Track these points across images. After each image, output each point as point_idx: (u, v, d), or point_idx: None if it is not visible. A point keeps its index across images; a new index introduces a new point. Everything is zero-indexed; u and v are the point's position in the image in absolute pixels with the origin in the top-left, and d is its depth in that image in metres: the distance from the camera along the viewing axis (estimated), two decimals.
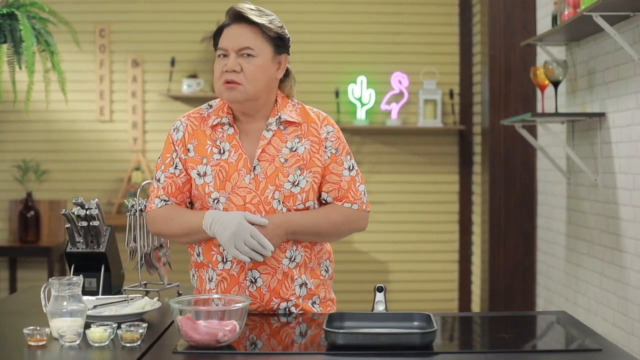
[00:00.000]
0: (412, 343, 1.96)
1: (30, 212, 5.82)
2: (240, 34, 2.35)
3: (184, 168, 2.43)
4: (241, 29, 2.36)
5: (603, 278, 3.90)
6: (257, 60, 2.35)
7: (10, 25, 4.09)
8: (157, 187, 2.46)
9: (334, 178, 2.43)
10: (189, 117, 2.47)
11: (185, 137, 2.44)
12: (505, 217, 5.08)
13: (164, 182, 2.44)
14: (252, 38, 2.35)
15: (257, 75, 2.35)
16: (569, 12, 3.82)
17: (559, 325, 2.27)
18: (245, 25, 2.36)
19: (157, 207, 2.44)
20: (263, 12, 2.40)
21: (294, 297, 2.41)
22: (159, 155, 2.51)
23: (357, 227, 2.47)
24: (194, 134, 2.43)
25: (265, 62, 2.37)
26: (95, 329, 2.04)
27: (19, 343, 2.06)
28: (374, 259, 6.02)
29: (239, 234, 2.26)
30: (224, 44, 2.37)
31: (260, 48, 2.36)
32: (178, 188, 2.43)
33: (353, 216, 2.44)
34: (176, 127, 2.47)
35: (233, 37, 2.35)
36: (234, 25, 2.37)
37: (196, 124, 2.45)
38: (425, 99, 5.88)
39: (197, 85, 5.84)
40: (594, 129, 3.97)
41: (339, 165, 2.43)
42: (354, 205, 2.44)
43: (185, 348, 2.00)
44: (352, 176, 2.45)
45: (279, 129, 2.41)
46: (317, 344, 2.11)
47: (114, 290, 2.76)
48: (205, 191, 2.38)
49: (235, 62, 2.34)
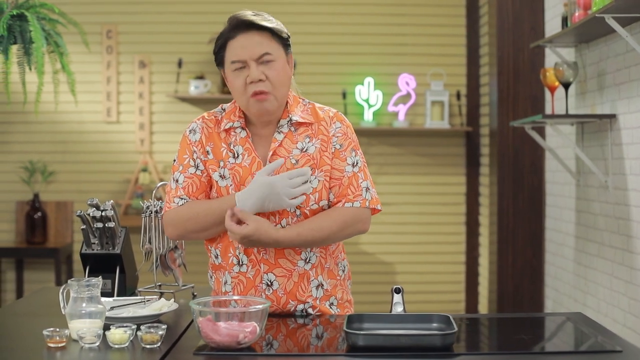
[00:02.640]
0: (433, 344, 1.96)
1: (37, 213, 5.83)
2: (254, 41, 2.31)
3: (206, 169, 2.40)
4: (253, 36, 2.31)
5: (613, 279, 3.90)
6: (277, 65, 2.33)
7: (20, 26, 4.09)
8: (175, 187, 2.40)
9: (337, 174, 2.39)
10: (204, 120, 2.44)
11: (203, 139, 2.41)
12: (513, 218, 5.08)
13: (184, 183, 2.39)
14: (268, 43, 2.32)
15: (282, 80, 2.34)
16: (579, 13, 3.82)
17: (576, 327, 2.27)
18: (256, 33, 2.32)
19: (177, 205, 2.38)
20: (265, 16, 2.36)
21: (311, 299, 2.40)
22: (174, 158, 2.46)
23: (357, 228, 2.39)
24: (209, 136, 2.41)
25: (284, 64, 2.35)
26: (115, 330, 2.04)
27: (38, 344, 2.06)
28: (380, 260, 6.02)
29: (276, 189, 2.26)
30: (240, 55, 2.31)
31: (276, 51, 2.33)
32: (199, 188, 2.39)
33: (351, 216, 2.37)
34: (192, 128, 2.44)
35: (249, 46, 2.31)
36: (243, 35, 2.32)
37: (211, 126, 2.43)
38: (433, 100, 5.88)
39: (205, 86, 5.84)
40: (604, 130, 3.97)
41: (341, 160, 2.40)
42: (355, 203, 2.37)
43: (205, 350, 2.00)
44: (355, 172, 2.40)
45: (290, 130, 2.39)
46: (336, 345, 2.11)
47: (129, 291, 2.76)
48: (229, 194, 2.37)
49: (258, 71, 2.30)
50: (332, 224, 2.35)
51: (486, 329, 2.37)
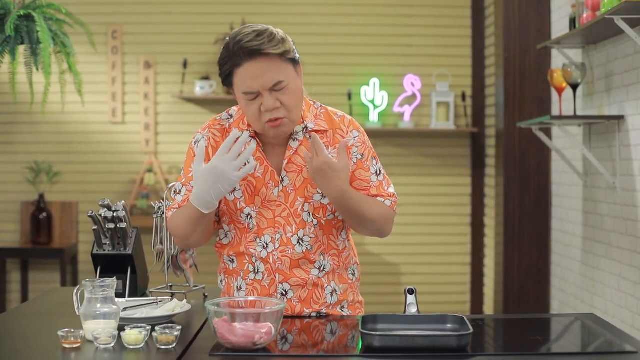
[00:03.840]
0: (449, 345, 1.96)
1: (42, 213, 5.83)
2: (265, 70, 2.20)
3: None
4: (261, 64, 2.20)
5: (621, 280, 3.90)
6: (290, 88, 2.24)
7: (27, 26, 4.09)
8: (174, 198, 2.40)
9: (363, 184, 2.37)
10: (210, 129, 2.39)
11: (209, 151, 2.36)
12: (519, 219, 5.08)
13: (184, 196, 2.36)
14: (278, 70, 2.21)
15: (296, 102, 2.27)
16: (587, 15, 3.82)
17: (589, 328, 2.26)
18: (263, 59, 2.20)
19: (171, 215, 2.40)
20: (268, 35, 2.22)
21: (325, 306, 2.40)
22: (182, 167, 2.45)
23: (385, 226, 2.39)
24: (217, 146, 2.35)
25: (296, 83, 2.27)
26: (131, 331, 2.03)
27: (52, 345, 2.05)
28: (385, 261, 6.02)
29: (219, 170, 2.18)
30: (252, 86, 2.21)
31: (287, 75, 2.23)
32: None
33: (387, 217, 2.38)
34: (197, 139, 2.38)
35: (259, 76, 2.20)
36: (250, 63, 2.20)
37: (218, 135, 2.38)
38: (438, 101, 5.89)
39: (210, 87, 5.85)
40: (612, 131, 3.97)
41: (365, 171, 2.38)
42: (387, 201, 2.37)
43: (220, 350, 2.00)
44: (380, 181, 2.40)
45: (305, 137, 2.35)
46: (351, 346, 2.11)
47: (140, 292, 2.76)
48: (237, 207, 2.34)
49: (273, 100, 2.22)
50: (380, 209, 2.35)
51: (499, 330, 2.37)
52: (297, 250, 2.34)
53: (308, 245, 2.34)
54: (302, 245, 2.34)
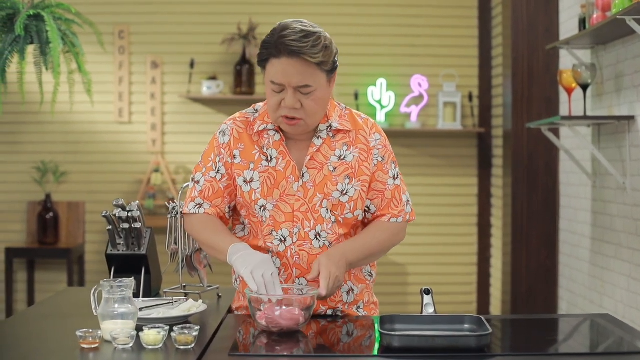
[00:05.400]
0: (468, 345, 1.96)
1: (49, 213, 5.83)
2: (297, 71, 2.23)
3: (228, 173, 2.39)
4: (297, 65, 2.23)
5: (631, 281, 3.90)
6: (316, 94, 2.27)
7: (36, 26, 4.09)
8: (192, 188, 2.42)
9: (379, 186, 2.40)
10: (234, 122, 2.43)
11: (232, 142, 2.39)
12: (527, 219, 5.08)
13: (203, 186, 2.40)
14: (310, 75, 2.24)
15: (317, 109, 2.30)
16: (597, 15, 3.82)
17: (605, 328, 2.26)
18: (300, 62, 2.23)
19: (190, 211, 2.41)
20: (314, 42, 2.23)
21: (341, 304, 2.41)
22: (201, 156, 2.46)
23: (398, 240, 2.45)
24: (240, 138, 2.39)
25: (323, 91, 2.29)
26: (149, 331, 2.03)
27: (71, 345, 2.05)
28: (392, 261, 6.02)
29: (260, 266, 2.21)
30: (280, 78, 2.25)
31: (317, 81, 2.26)
32: (215, 192, 2.39)
33: (396, 230, 2.42)
34: (222, 130, 2.42)
35: (290, 74, 2.23)
36: (287, 59, 2.23)
37: (242, 127, 2.41)
38: (445, 101, 5.89)
39: (217, 87, 5.84)
40: (622, 132, 3.97)
41: (384, 173, 2.41)
42: (399, 219, 2.42)
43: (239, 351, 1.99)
44: (397, 185, 2.43)
45: (328, 136, 2.38)
46: (369, 346, 2.12)
47: (154, 292, 2.76)
48: (252, 198, 2.35)
49: (294, 100, 2.26)
50: (382, 234, 2.40)
51: (515, 330, 2.37)
52: (314, 245, 2.35)
53: (325, 241, 2.35)
54: (319, 240, 2.35)
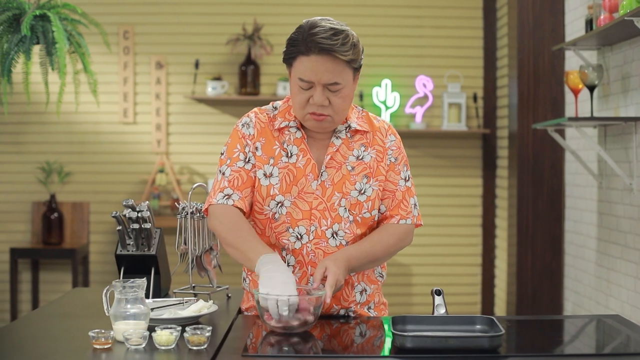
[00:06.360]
0: (481, 346, 1.96)
1: (53, 214, 5.83)
2: (327, 69, 2.24)
3: (253, 164, 2.37)
4: (326, 62, 2.24)
5: (637, 282, 3.90)
6: (344, 91, 2.29)
7: (42, 26, 4.09)
8: (221, 179, 2.37)
9: (390, 186, 2.42)
10: (257, 115, 2.42)
11: (255, 135, 2.39)
12: (532, 220, 5.08)
13: (230, 176, 2.36)
14: (340, 72, 2.26)
15: (344, 106, 2.32)
16: (604, 16, 3.82)
17: (616, 329, 2.26)
18: (331, 59, 2.24)
19: (217, 201, 2.34)
20: (344, 40, 2.25)
21: (354, 304, 2.42)
22: (222, 151, 2.41)
23: (405, 244, 2.46)
24: (262, 131, 2.39)
25: (350, 88, 2.32)
26: (162, 331, 2.03)
27: (83, 346, 2.05)
28: (397, 262, 6.02)
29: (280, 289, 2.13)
30: (309, 76, 2.26)
31: (345, 79, 2.28)
32: (244, 182, 2.35)
33: (404, 234, 2.43)
34: (245, 122, 2.41)
35: (319, 71, 2.24)
36: (316, 56, 2.24)
37: (264, 121, 2.41)
38: (450, 102, 5.89)
39: (222, 87, 5.84)
40: (629, 133, 3.97)
41: (396, 174, 2.43)
42: (408, 221, 2.42)
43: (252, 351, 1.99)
44: (408, 187, 2.45)
45: (347, 136, 2.40)
46: (382, 346, 2.12)
47: (163, 293, 2.76)
48: (270, 193, 2.35)
49: (323, 97, 2.27)
50: (389, 238, 2.39)
51: (526, 330, 2.37)
52: (330, 244, 2.35)
53: (342, 240, 2.36)
54: (335, 239, 2.35)
